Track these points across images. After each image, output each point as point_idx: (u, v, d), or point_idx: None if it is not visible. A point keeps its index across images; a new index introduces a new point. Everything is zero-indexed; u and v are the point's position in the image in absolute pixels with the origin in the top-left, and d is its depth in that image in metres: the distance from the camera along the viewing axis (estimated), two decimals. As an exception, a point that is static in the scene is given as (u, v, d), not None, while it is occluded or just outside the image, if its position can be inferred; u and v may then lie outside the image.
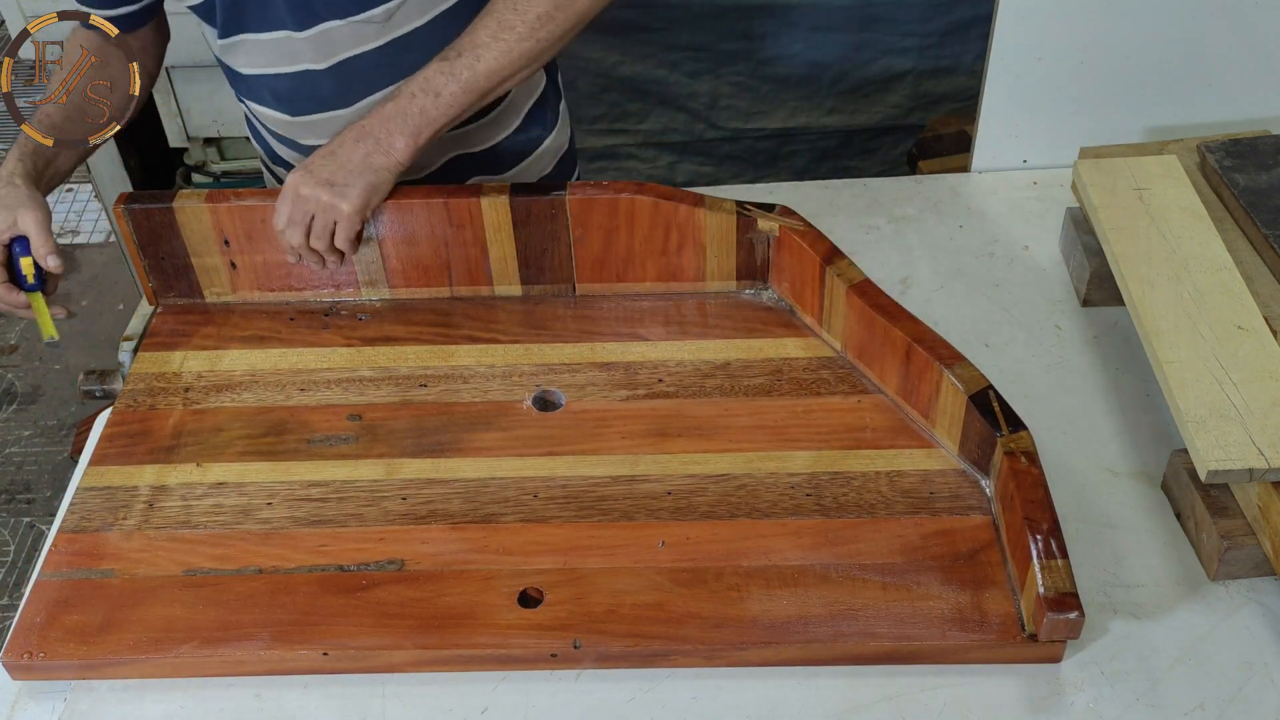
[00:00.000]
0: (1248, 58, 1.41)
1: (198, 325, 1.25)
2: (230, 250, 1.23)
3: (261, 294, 1.27)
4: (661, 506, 1.05)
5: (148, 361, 1.22)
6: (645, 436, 1.11)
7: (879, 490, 1.05)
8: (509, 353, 1.21)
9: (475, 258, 1.23)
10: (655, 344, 1.21)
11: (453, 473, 1.09)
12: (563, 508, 1.05)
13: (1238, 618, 0.99)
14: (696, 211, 1.18)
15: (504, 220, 1.20)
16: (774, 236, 1.20)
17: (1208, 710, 0.93)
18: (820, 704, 0.94)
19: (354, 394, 1.17)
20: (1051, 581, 0.91)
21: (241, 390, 1.18)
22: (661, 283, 1.24)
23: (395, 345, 1.22)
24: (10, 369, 2.66)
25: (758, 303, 1.24)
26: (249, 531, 1.05)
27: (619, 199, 1.18)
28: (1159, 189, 1.24)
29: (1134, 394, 1.17)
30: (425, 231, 1.21)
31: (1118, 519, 1.06)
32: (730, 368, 1.17)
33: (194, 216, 1.20)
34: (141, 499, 1.08)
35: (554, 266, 1.24)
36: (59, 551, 1.04)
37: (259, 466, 1.10)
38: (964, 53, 2.33)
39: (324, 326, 1.24)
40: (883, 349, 1.12)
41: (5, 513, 2.37)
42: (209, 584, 1.01)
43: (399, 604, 0.98)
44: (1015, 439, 0.99)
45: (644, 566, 1.00)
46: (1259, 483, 0.99)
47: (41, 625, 0.99)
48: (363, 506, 1.06)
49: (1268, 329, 1.09)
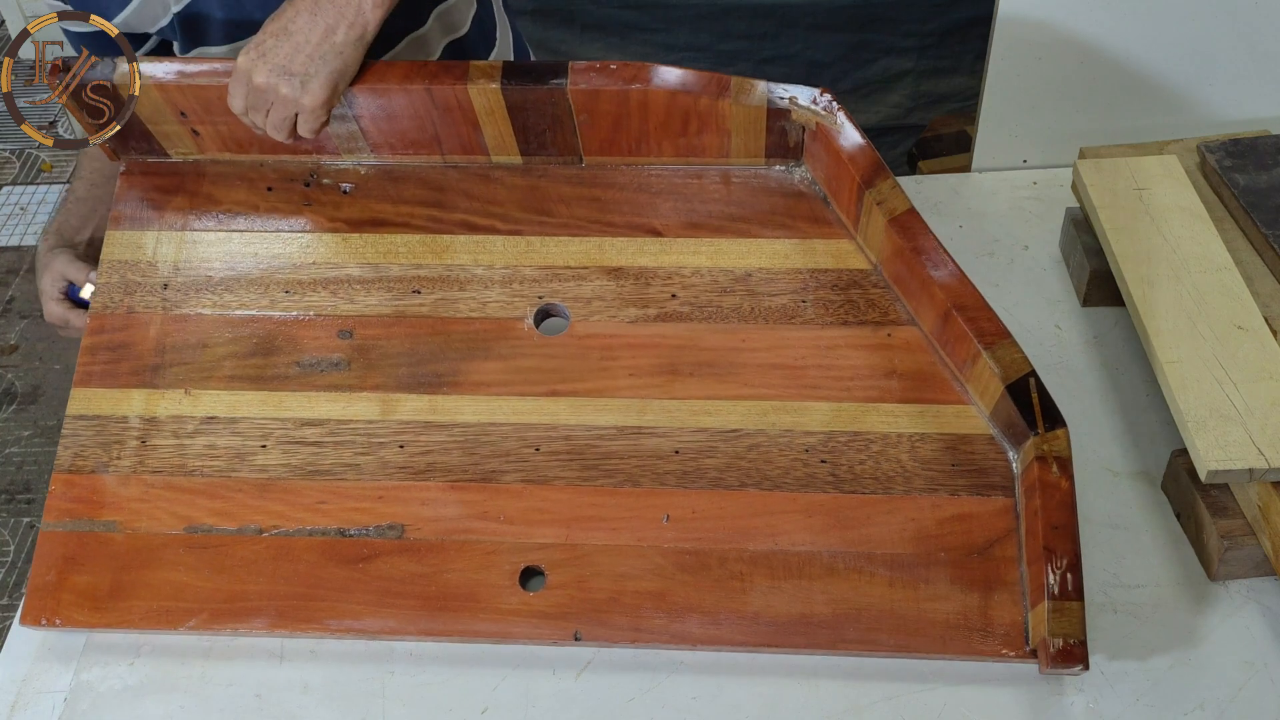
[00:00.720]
0: (1248, 58, 1.41)
1: (167, 194, 1.14)
2: (189, 120, 1.10)
3: (232, 155, 1.14)
4: (668, 470, 1.00)
5: (118, 244, 1.12)
6: (654, 374, 1.03)
7: (898, 459, 0.99)
8: (509, 248, 1.09)
9: (467, 134, 1.09)
10: (670, 241, 1.08)
11: (451, 415, 1.04)
12: (565, 466, 1.01)
13: (1238, 618, 0.99)
14: (719, 103, 1.03)
15: (496, 105, 1.05)
16: (810, 129, 1.05)
17: (1208, 710, 0.93)
18: (820, 704, 0.94)
19: (343, 300, 1.08)
20: (1062, 628, 0.87)
21: (222, 291, 1.10)
22: (680, 158, 1.10)
23: (384, 232, 1.10)
24: (10, 369, 2.66)
25: (788, 184, 1.09)
26: (245, 480, 1.03)
27: (630, 90, 1.03)
28: (1159, 189, 1.24)
29: (1134, 394, 1.17)
30: (407, 112, 1.07)
31: (1118, 519, 1.06)
32: (751, 281, 1.06)
33: (141, 94, 1.07)
34: (133, 434, 1.06)
35: (557, 142, 1.09)
36: (58, 496, 1.04)
37: (249, 398, 1.06)
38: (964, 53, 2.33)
39: (305, 201, 1.12)
40: (920, 294, 1.01)
41: (5, 513, 2.37)
42: (211, 545, 1.01)
43: (401, 579, 0.98)
44: (1050, 439, 0.94)
45: (647, 545, 0.98)
46: (1259, 483, 0.98)
47: (53, 586, 1.01)
48: (359, 455, 1.03)
49: (1268, 329, 1.09)
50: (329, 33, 0.98)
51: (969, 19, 2.28)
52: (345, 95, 1.04)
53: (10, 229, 3.02)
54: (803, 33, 2.28)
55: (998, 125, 1.46)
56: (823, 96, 1.05)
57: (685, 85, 1.03)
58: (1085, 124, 1.45)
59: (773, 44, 2.30)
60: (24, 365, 2.67)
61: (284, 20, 0.99)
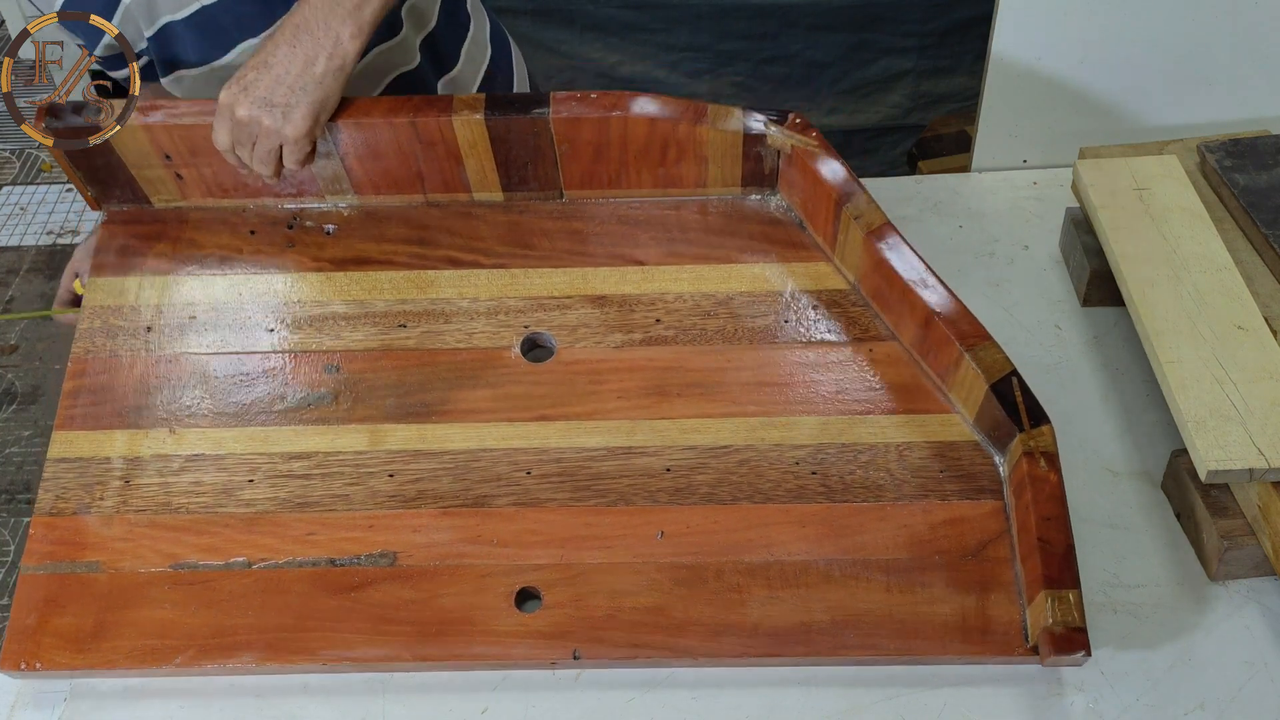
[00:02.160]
0: (1248, 58, 1.41)
1: (149, 240, 1.14)
2: (173, 164, 1.11)
3: (215, 200, 1.14)
4: (660, 487, 1.01)
5: (101, 290, 1.12)
6: (642, 396, 1.05)
7: (887, 468, 1.00)
8: (493, 281, 1.10)
9: (450, 170, 1.11)
10: (652, 269, 1.10)
11: (440, 442, 1.04)
12: (558, 488, 1.01)
13: (1238, 618, 0.99)
14: (698, 129, 1.06)
15: (480, 137, 1.07)
16: (785, 153, 1.08)
17: (1208, 710, 0.93)
18: (820, 706, 0.94)
19: (329, 336, 1.08)
20: (1061, 616, 0.88)
21: (205, 331, 1.09)
22: (658, 189, 1.13)
23: (369, 270, 1.11)
24: (10, 369, 2.66)
25: (764, 212, 1.12)
26: (232, 515, 1.01)
27: (610, 118, 1.06)
28: (1159, 189, 1.24)
29: (1134, 394, 1.17)
30: (392, 147, 1.09)
31: (1118, 519, 1.06)
32: (733, 305, 1.08)
33: (128, 135, 1.08)
34: (116, 475, 1.04)
35: (538, 176, 1.11)
36: (38, 539, 1.01)
37: (235, 434, 1.05)
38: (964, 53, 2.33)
39: (288, 243, 1.13)
40: (900, 305, 1.04)
41: (5, 513, 2.37)
42: (198, 581, 0.99)
43: (394, 606, 0.97)
44: (1036, 435, 0.95)
45: (643, 562, 0.98)
46: (1259, 483, 0.98)
47: (34, 629, 0.97)
48: (348, 485, 1.02)
49: (1268, 329, 1.09)
50: (309, 64, 0.99)
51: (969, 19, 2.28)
52: (330, 131, 1.06)
53: (10, 229, 3.02)
54: (803, 33, 2.29)
55: (998, 125, 1.46)
56: (797, 121, 1.07)
57: (664, 113, 1.06)
58: (1085, 124, 1.45)
59: (773, 44, 2.30)
60: (24, 365, 2.67)
61: (264, 54, 1.00)
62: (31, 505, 2.35)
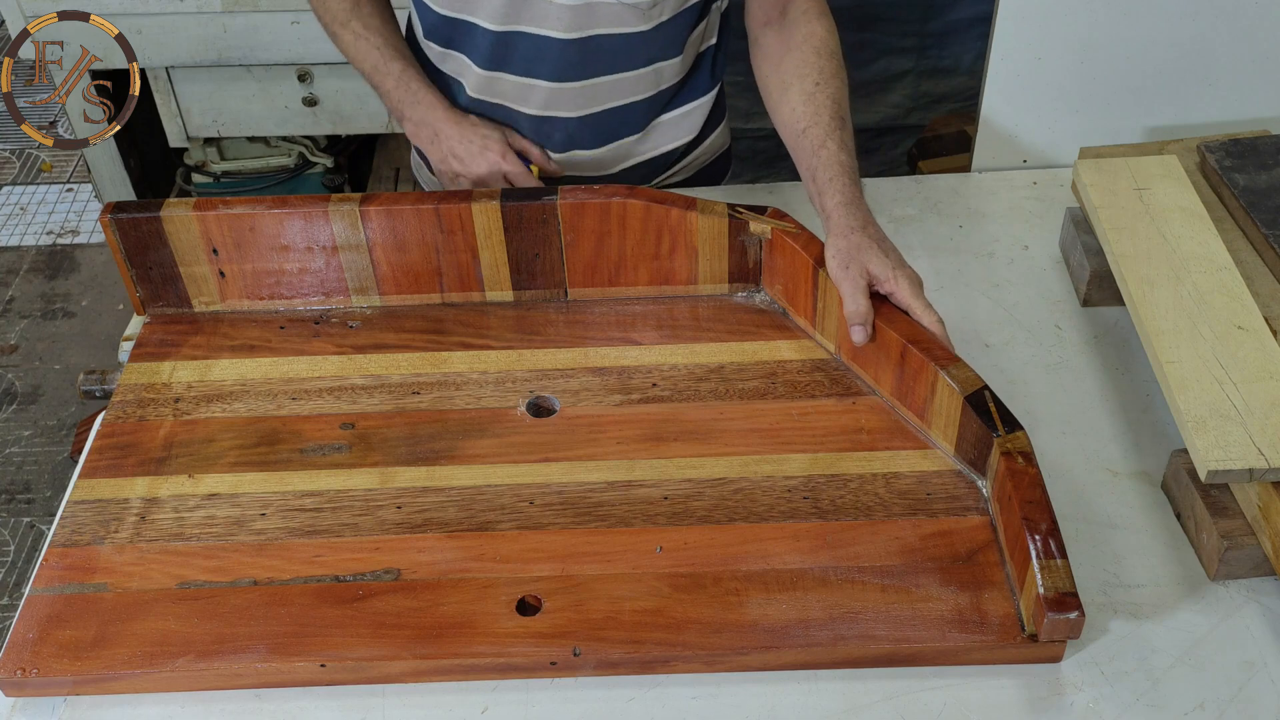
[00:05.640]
0: (1248, 58, 1.41)
1: (186, 335, 1.25)
2: (219, 259, 1.23)
3: (251, 303, 1.26)
4: (658, 512, 1.05)
5: (136, 372, 1.21)
6: (640, 441, 1.11)
7: (876, 493, 1.06)
8: (502, 359, 1.20)
9: (466, 263, 1.23)
10: (648, 348, 1.21)
11: (448, 480, 1.09)
12: (559, 514, 1.05)
13: (1238, 618, 0.99)
14: (688, 215, 1.19)
15: (495, 226, 1.20)
16: (766, 239, 1.20)
17: (1208, 710, 0.93)
18: (820, 705, 0.94)
19: (346, 402, 1.17)
20: (1051, 581, 0.91)
21: (232, 400, 1.17)
22: (654, 286, 1.25)
23: (387, 353, 1.22)
24: (10, 369, 2.66)
25: (750, 306, 1.25)
26: (243, 543, 1.04)
27: (610, 203, 1.19)
28: (1159, 189, 1.24)
29: (1134, 394, 1.17)
30: (416, 238, 1.21)
31: (1118, 519, 1.06)
32: (724, 371, 1.18)
33: (181, 226, 1.20)
34: (133, 511, 1.07)
35: (545, 271, 1.24)
36: (50, 566, 1.03)
37: (252, 477, 1.10)
38: (964, 53, 2.34)
39: (315, 335, 1.24)
40: (877, 351, 1.12)
41: (5, 513, 2.37)
42: (203, 596, 1.00)
43: (396, 614, 0.98)
44: (1012, 439, 1.00)
45: (642, 572, 1.00)
46: (1259, 483, 0.99)
47: (34, 641, 0.97)
48: (357, 516, 1.06)
49: (1268, 329, 1.09)
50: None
51: (969, 19, 2.28)
52: (364, 220, 1.20)
53: (10, 229, 3.02)
54: (803, 33, 2.28)
55: (998, 125, 1.47)
56: (772, 210, 1.21)
57: (657, 199, 1.19)
58: (1085, 124, 1.45)
59: (773, 44, 2.30)
60: (24, 365, 2.67)
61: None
62: (31, 505, 2.36)
